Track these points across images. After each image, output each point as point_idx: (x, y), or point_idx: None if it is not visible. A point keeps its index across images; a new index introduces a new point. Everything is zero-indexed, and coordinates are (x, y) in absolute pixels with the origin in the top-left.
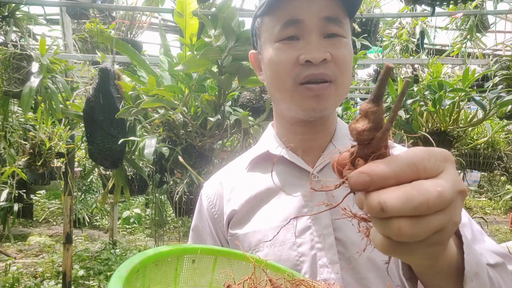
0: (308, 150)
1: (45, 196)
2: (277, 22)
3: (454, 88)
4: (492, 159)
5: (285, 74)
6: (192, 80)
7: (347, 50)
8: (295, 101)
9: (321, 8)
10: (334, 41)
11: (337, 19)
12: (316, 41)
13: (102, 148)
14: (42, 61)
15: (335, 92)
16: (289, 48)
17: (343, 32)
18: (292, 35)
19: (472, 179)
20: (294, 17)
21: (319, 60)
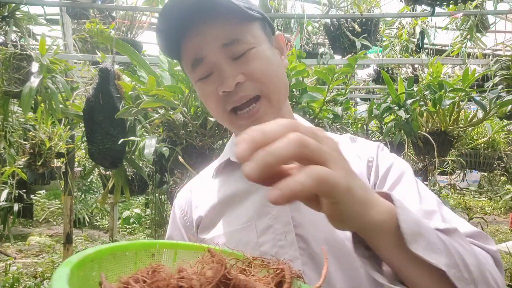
0: None
1: (45, 196)
2: (187, 65)
3: (454, 88)
4: (492, 159)
5: (215, 108)
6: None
7: (259, 59)
8: (237, 128)
9: (213, 39)
10: (242, 60)
11: (233, 41)
12: (225, 69)
13: (102, 148)
14: (42, 61)
15: (268, 103)
16: (207, 85)
17: (247, 46)
18: (205, 73)
19: (472, 179)
20: (196, 56)
21: (233, 87)
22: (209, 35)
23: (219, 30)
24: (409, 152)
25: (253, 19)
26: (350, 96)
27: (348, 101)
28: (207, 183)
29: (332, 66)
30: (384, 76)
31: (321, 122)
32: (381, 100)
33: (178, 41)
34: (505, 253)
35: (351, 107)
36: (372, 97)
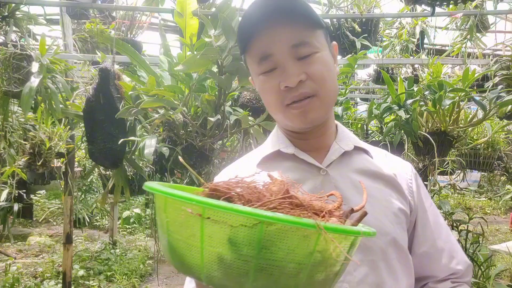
0: (314, 150)
1: (45, 196)
2: (254, 59)
3: (454, 88)
4: (492, 159)
5: (273, 101)
6: (192, 80)
7: (322, 63)
8: (288, 119)
9: (286, 38)
10: (307, 61)
11: (302, 42)
12: (289, 67)
13: (102, 148)
14: (42, 61)
15: (320, 103)
16: (270, 79)
17: (312, 50)
18: (269, 68)
19: (472, 179)
20: (265, 53)
21: (296, 83)
22: (281, 35)
23: (291, 31)
24: (409, 152)
25: (320, 27)
26: (350, 96)
27: (348, 101)
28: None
29: None
30: (384, 76)
31: None
32: (381, 100)
33: (250, 36)
34: (505, 253)
35: (351, 107)
36: (372, 97)
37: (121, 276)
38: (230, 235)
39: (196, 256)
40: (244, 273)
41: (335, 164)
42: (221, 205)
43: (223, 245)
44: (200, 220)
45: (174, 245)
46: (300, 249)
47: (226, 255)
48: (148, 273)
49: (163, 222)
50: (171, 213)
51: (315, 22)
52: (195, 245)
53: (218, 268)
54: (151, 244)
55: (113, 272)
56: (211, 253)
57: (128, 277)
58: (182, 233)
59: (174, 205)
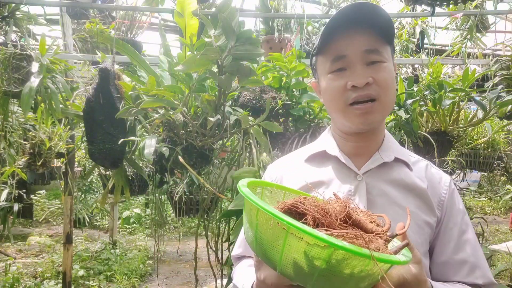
0: (358, 155)
1: (45, 196)
2: (327, 59)
3: (454, 88)
4: (492, 159)
5: (338, 98)
6: (192, 80)
7: (387, 72)
8: (347, 118)
9: (361, 43)
10: (375, 67)
11: (375, 50)
12: (359, 69)
13: (102, 148)
14: (42, 61)
15: (380, 108)
16: (339, 78)
17: (382, 58)
18: (340, 67)
19: (472, 179)
20: (340, 53)
21: (363, 84)
22: (357, 40)
23: (366, 38)
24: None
25: (391, 43)
26: None
27: None
28: (299, 165)
29: None
30: None
31: (321, 122)
32: None
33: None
34: (505, 253)
35: None
36: None
37: (121, 276)
38: (306, 249)
39: (276, 254)
40: (310, 275)
41: (373, 173)
42: (303, 229)
43: (299, 254)
44: (285, 233)
45: (260, 241)
46: (356, 267)
47: (300, 261)
48: (148, 273)
49: (253, 223)
50: (262, 219)
51: (388, 36)
52: (277, 247)
53: (292, 267)
54: (151, 244)
55: (113, 272)
56: (288, 256)
57: (128, 277)
58: (268, 235)
59: (266, 216)
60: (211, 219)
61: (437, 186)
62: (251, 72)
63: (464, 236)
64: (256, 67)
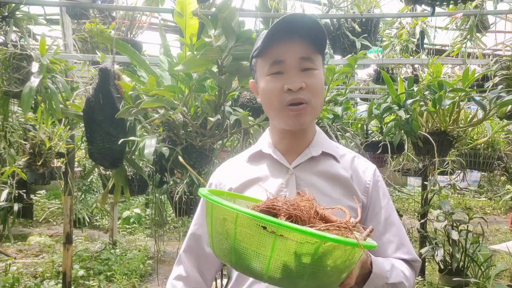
0: (291, 152)
1: (45, 196)
2: (267, 62)
3: (454, 88)
4: (492, 159)
5: (274, 99)
6: (192, 80)
7: (318, 79)
8: (282, 118)
9: (297, 51)
10: (308, 74)
11: (309, 58)
12: (294, 75)
13: (102, 148)
14: (42, 61)
15: (311, 111)
16: (276, 80)
17: (314, 66)
18: (277, 71)
19: (472, 179)
20: (278, 58)
21: (297, 88)
22: (295, 47)
23: (303, 47)
24: (409, 152)
25: (323, 52)
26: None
27: (348, 101)
28: (241, 165)
29: (332, 66)
30: (384, 76)
31: (321, 122)
32: (381, 100)
33: (271, 43)
34: (505, 253)
35: (351, 107)
36: (372, 97)
37: (121, 276)
38: (296, 248)
39: (263, 262)
40: (300, 276)
41: (302, 166)
42: (296, 228)
43: (289, 255)
44: (274, 237)
45: (240, 252)
46: (340, 258)
47: (290, 262)
48: (148, 273)
49: (229, 233)
50: (242, 226)
51: (322, 47)
52: (264, 254)
53: (280, 272)
54: (151, 244)
55: (113, 272)
56: (277, 260)
57: (128, 277)
58: (251, 243)
59: (247, 221)
60: None
61: (362, 175)
62: (251, 72)
63: (389, 219)
64: None
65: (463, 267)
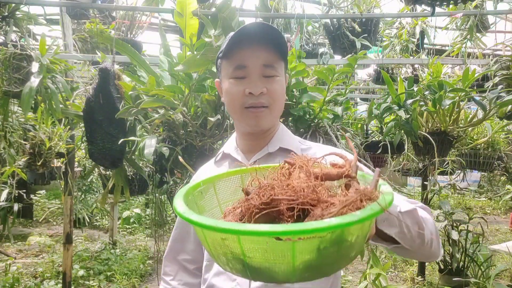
0: (251, 151)
1: (45, 196)
2: (231, 65)
3: (454, 88)
4: (492, 159)
5: (236, 101)
6: (192, 80)
7: (279, 85)
8: (242, 120)
9: (261, 58)
10: (269, 80)
11: (271, 65)
12: (256, 80)
13: (102, 148)
14: (42, 61)
15: (270, 114)
16: (239, 84)
17: (276, 73)
18: (241, 75)
19: (472, 179)
20: (242, 63)
21: (258, 93)
22: (259, 54)
23: (266, 55)
24: (409, 152)
25: (285, 60)
26: (350, 96)
27: (348, 101)
28: (209, 167)
29: (332, 66)
30: (384, 76)
31: (321, 122)
32: (381, 100)
33: (236, 47)
34: (505, 253)
35: (351, 107)
36: (372, 97)
37: (121, 276)
38: (319, 244)
39: (286, 269)
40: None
41: (259, 163)
42: (315, 227)
43: (312, 252)
44: (291, 244)
45: (256, 266)
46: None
47: (314, 259)
48: (148, 273)
49: (235, 250)
50: (251, 243)
51: (284, 55)
52: (285, 262)
53: (308, 270)
54: (151, 244)
55: (113, 272)
56: (300, 262)
57: (128, 277)
58: (267, 257)
59: (256, 239)
60: None
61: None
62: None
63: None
64: None
65: (463, 267)
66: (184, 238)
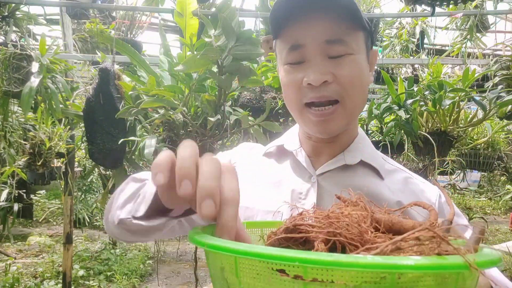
0: (319, 154)
1: (45, 196)
2: (285, 46)
3: (454, 88)
4: (492, 159)
5: (293, 96)
6: (192, 80)
7: (353, 67)
8: (303, 121)
9: (321, 31)
10: (338, 61)
11: (338, 40)
12: (318, 64)
13: (102, 148)
14: (42, 61)
15: (343, 112)
16: (295, 71)
17: (348, 50)
18: (296, 59)
19: (472, 179)
20: (297, 42)
21: (319, 83)
22: (317, 27)
23: (328, 25)
24: (409, 152)
25: (362, 28)
26: None
27: None
28: (257, 158)
29: None
30: (384, 76)
31: None
32: (381, 100)
33: (285, 21)
34: (505, 253)
35: None
36: (372, 97)
37: (121, 276)
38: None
39: None
40: None
41: (330, 175)
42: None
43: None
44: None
45: None
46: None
47: None
48: (148, 273)
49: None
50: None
51: (358, 21)
52: None
53: None
54: (151, 244)
55: (113, 272)
56: None
57: (128, 277)
58: None
59: (253, 266)
60: None
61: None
62: (251, 72)
63: None
64: (256, 67)
65: None
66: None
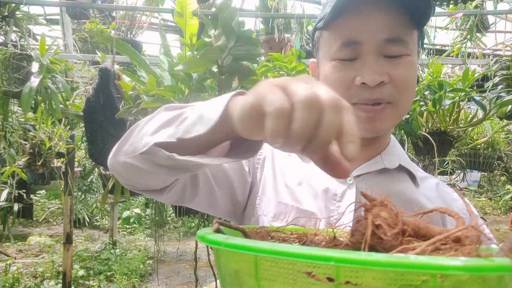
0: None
1: (45, 196)
2: (335, 40)
3: (454, 88)
4: (492, 159)
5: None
6: (192, 80)
7: (409, 68)
8: None
9: (381, 28)
10: (394, 61)
11: (398, 39)
12: (373, 62)
13: (102, 148)
14: (42, 61)
15: (393, 112)
16: (346, 68)
17: (406, 51)
18: (349, 56)
19: (472, 179)
20: (353, 38)
21: (375, 83)
22: (377, 22)
23: (389, 22)
24: (409, 152)
25: (420, 26)
26: None
27: None
28: (285, 153)
29: None
30: None
31: None
32: None
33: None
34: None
35: None
36: None
37: (121, 276)
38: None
39: None
40: None
41: (368, 178)
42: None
43: None
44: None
45: None
46: None
47: None
48: (148, 273)
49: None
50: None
51: (418, 19)
52: None
53: None
54: (151, 244)
55: (113, 272)
56: None
57: (128, 277)
58: None
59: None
60: (211, 219)
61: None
62: (251, 72)
63: None
64: (256, 67)
65: None
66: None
